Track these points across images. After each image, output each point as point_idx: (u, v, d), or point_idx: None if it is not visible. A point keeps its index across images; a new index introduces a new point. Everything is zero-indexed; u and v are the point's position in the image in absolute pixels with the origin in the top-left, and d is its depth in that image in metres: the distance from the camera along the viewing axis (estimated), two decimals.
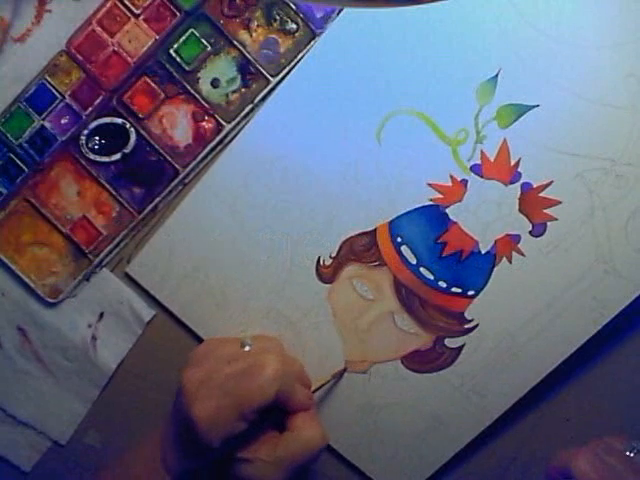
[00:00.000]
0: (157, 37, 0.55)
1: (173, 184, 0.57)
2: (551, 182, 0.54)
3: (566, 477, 0.54)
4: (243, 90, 0.55)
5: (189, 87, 0.55)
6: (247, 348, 0.54)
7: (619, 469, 0.52)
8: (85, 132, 0.56)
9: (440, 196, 0.55)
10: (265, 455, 0.53)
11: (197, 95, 0.55)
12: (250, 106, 0.55)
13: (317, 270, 0.57)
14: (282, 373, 0.51)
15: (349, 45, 0.54)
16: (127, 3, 0.54)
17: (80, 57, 0.55)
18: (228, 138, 0.56)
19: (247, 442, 0.53)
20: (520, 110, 0.53)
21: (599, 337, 0.55)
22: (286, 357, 0.56)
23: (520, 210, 0.54)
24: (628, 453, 0.53)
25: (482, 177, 0.54)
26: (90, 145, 0.56)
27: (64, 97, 0.55)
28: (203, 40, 0.55)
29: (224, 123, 0.56)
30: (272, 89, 0.55)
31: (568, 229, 0.54)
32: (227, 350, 0.55)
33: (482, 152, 0.54)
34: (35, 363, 0.60)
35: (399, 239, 0.56)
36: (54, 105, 0.55)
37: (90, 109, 0.56)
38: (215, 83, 0.55)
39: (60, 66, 0.55)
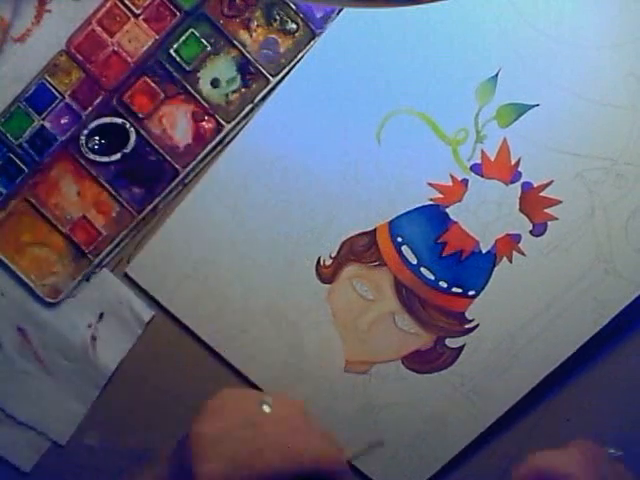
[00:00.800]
0: (157, 37, 0.55)
1: (173, 184, 0.57)
2: (551, 181, 0.54)
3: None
4: (243, 90, 0.55)
5: (189, 87, 0.55)
6: (266, 408, 0.51)
7: (605, 474, 0.52)
8: (85, 132, 0.56)
9: (440, 196, 0.55)
10: None
11: (197, 95, 0.55)
12: (250, 106, 0.55)
13: (317, 270, 0.57)
14: (306, 459, 0.48)
15: (349, 45, 0.54)
16: (127, 3, 0.54)
17: (80, 57, 0.55)
18: (228, 138, 0.56)
19: None
20: (520, 109, 0.53)
21: (599, 337, 0.55)
22: (312, 430, 0.52)
23: (520, 210, 0.54)
24: (606, 460, 0.54)
25: (482, 177, 0.54)
26: (90, 145, 0.56)
27: (64, 97, 0.55)
28: (203, 40, 0.55)
29: (224, 123, 0.56)
30: (272, 89, 0.55)
31: (568, 229, 0.54)
32: (244, 407, 0.51)
33: (482, 152, 0.54)
34: (35, 363, 0.60)
35: (399, 239, 0.55)
36: (54, 105, 0.55)
37: (90, 109, 0.56)
38: (215, 83, 0.55)
39: (60, 66, 0.55)
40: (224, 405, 0.52)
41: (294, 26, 0.55)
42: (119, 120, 0.56)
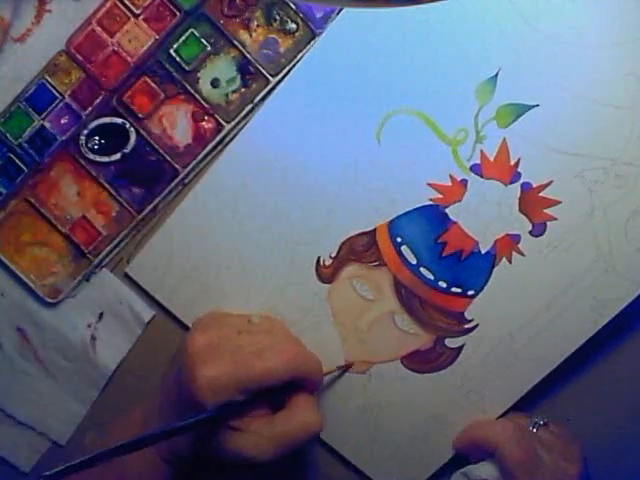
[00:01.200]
0: (157, 37, 0.55)
1: (173, 184, 0.57)
2: (551, 182, 0.54)
3: (483, 452, 0.54)
4: (243, 90, 0.55)
5: (189, 87, 0.55)
6: (255, 319, 0.55)
7: (535, 445, 0.53)
8: (85, 132, 0.56)
9: (440, 196, 0.55)
10: (258, 428, 0.50)
11: (197, 95, 0.55)
12: (250, 106, 0.55)
13: (317, 270, 0.57)
14: (298, 362, 0.51)
15: (349, 45, 0.54)
16: (127, 3, 0.54)
17: (80, 57, 0.55)
18: (228, 138, 0.56)
19: (240, 413, 0.51)
20: (520, 110, 0.53)
21: (599, 337, 0.55)
22: (298, 341, 0.56)
23: (520, 210, 0.54)
24: (532, 429, 0.55)
25: (482, 177, 0.54)
26: (90, 145, 0.56)
27: (64, 97, 0.55)
28: (203, 40, 0.55)
29: (224, 123, 0.56)
30: (272, 89, 0.55)
31: (568, 229, 0.54)
32: (235, 321, 0.54)
33: (482, 152, 0.54)
34: (34, 363, 0.60)
35: (399, 239, 0.55)
36: (54, 105, 0.55)
37: (90, 109, 0.56)
38: (215, 83, 0.55)
39: (60, 66, 0.55)
40: (214, 319, 0.54)
41: (294, 26, 0.55)
42: (119, 120, 0.56)
